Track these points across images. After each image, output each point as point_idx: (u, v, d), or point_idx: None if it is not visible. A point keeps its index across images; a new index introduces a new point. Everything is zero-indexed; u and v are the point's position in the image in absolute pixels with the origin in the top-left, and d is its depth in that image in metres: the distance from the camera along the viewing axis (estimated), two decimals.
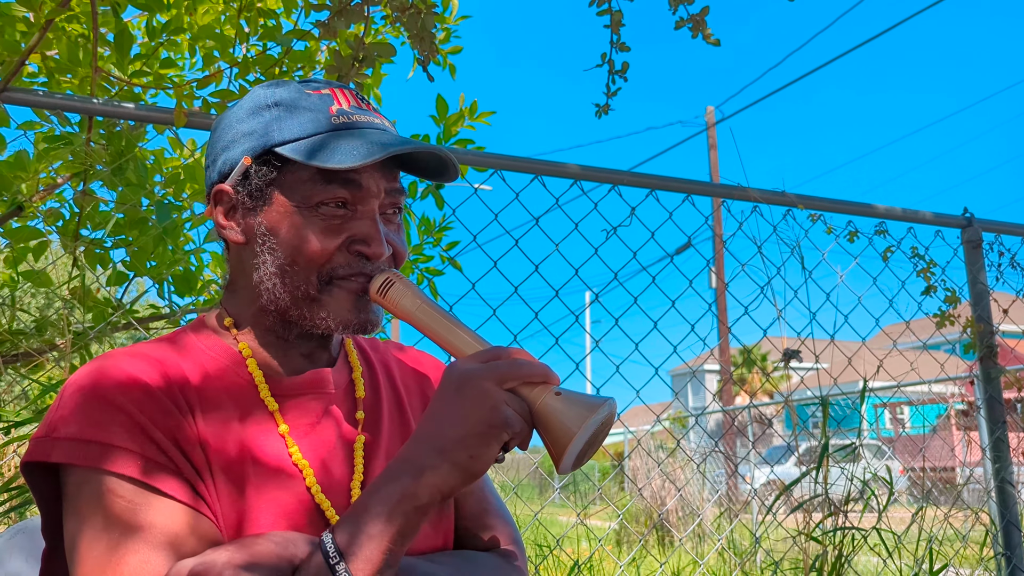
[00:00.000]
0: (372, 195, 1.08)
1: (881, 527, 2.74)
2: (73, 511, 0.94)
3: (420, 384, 1.29)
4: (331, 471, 1.09)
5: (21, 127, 2.75)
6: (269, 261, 1.08)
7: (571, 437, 0.92)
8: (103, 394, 0.97)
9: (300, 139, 1.06)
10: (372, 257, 1.07)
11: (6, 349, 2.40)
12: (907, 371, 3.15)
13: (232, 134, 1.11)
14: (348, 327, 1.08)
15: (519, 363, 0.95)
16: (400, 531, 0.91)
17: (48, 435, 0.96)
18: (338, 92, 1.12)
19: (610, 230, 2.60)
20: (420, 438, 0.94)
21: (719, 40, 2.50)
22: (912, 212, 3.25)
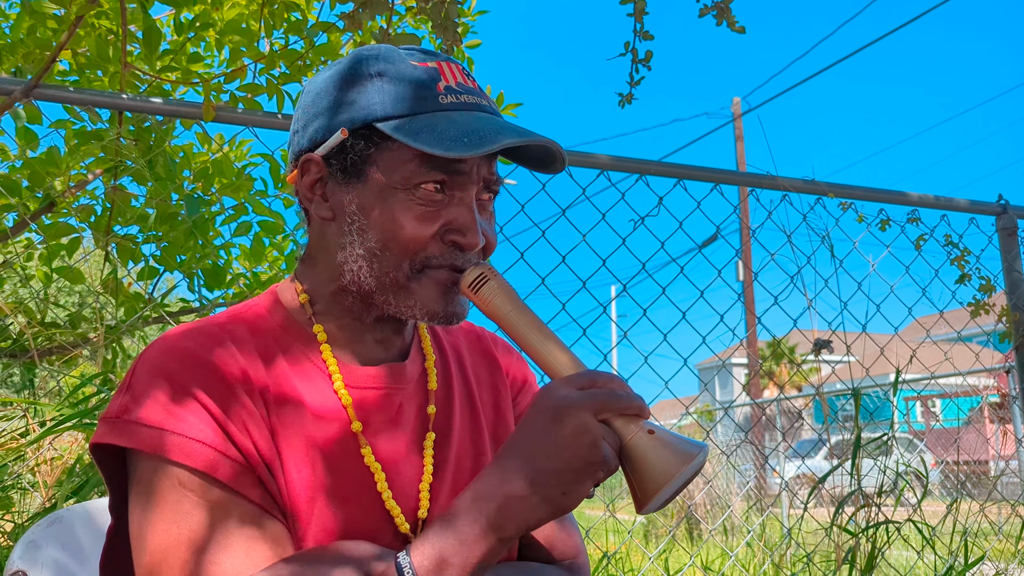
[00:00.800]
0: (472, 182, 1.02)
1: (915, 519, 2.70)
2: (141, 498, 0.92)
3: (491, 375, 1.23)
4: (401, 472, 1.04)
5: (52, 125, 2.78)
6: (357, 242, 1.02)
7: (662, 485, 0.88)
8: (178, 380, 0.93)
9: (404, 116, 0.99)
10: (466, 248, 1.01)
11: (40, 343, 2.43)
12: (940, 362, 3.10)
13: (328, 100, 1.04)
14: (435, 318, 1.03)
15: (617, 395, 0.89)
16: (482, 561, 0.87)
17: (120, 417, 0.93)
18: (444, 65, 1.04)
19: (637, 220, 2.58)
20: (511, 466, 0.88)
21: (744, 28, 2.47)
22: (946, 199, 3.20)
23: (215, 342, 0.99)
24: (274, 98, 2.68)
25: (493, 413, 1.20)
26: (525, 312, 1.01)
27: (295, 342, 1.05)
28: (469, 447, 1.13)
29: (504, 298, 1.01)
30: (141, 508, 0.92)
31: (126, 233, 2.89)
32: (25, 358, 2.39)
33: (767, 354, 15.90)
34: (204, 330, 1.00)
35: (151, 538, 0.90)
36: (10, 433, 2.22)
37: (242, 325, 1.04)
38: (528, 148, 1.07)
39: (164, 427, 0.91)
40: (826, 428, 2.79)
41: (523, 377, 1.27)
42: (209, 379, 0.94)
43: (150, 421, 0.91)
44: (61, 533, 1.28)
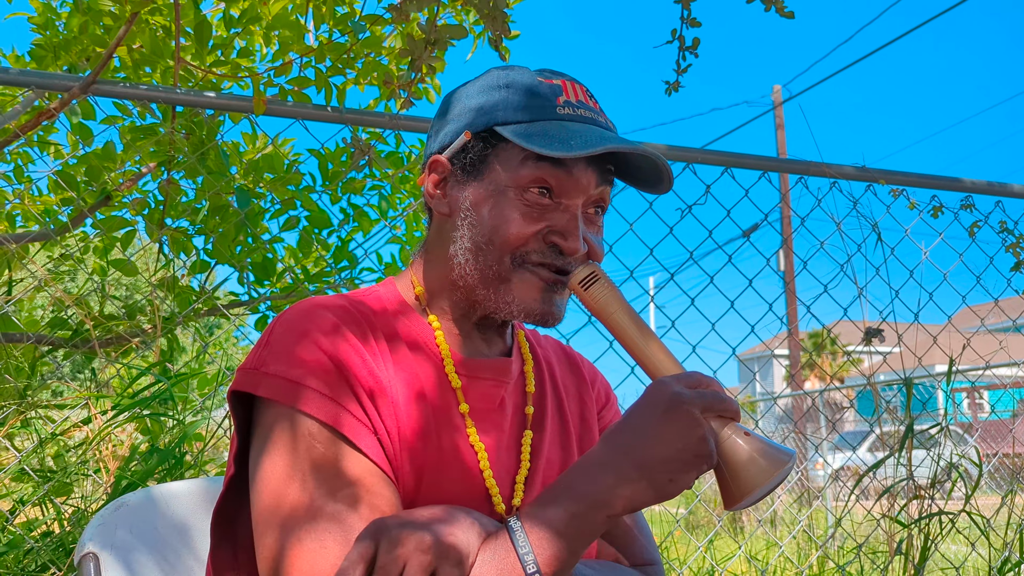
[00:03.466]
0: (579, 189, 1.07)
1: (969, 511, 2.65)
2: (269, 446, 0.96)
3: (578, 388, 1.28)
4: (501, 459, 1.09)
5: (104, 121, 2.84)
6: (467, 236, 1.09)
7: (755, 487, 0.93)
8: (313, 338, 1.00)
9: (522, 122, 1.07)
10: (567, 252, 1.06)
11: (99, 334, 2.49)
12: (995, 351, 3.04)
13: (460, 108, 1.13)
14: (530, 316, 1.08)
15: (720, 397, 0.95)
16: (588, 533, 0.91)
17: (257, 368, 0.99)
18: (569, 84, 1.12)
19: (685, 209, 2.56)
20: (620, 448, 0.93)
21: (793, 13, 2.43)
22: (1000, 185, 3.13)
23: (348, 314, 1.05)
24: (322, 91, 2.70)
25: (579, 423, 1.25)
26: (630, 313, 1.05)
27: (412, 327, 1.11)
28: (558, 451, 1.18)
29: (611, 297, 1.05)
30: (265, 453, 0.97)
31: (178, 226, 2.95)
32: (86, 348, 2.46)
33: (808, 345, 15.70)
34: (336, 303, 1.07)
35: (272, 480, 0.94)
36: (72, 422, 2.29)
37: (365, 304, 1.11)
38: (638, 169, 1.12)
39: (296, 380, 0.97)
40: (878, 419, 2.75)
41: (607, 393, 1.33)
42: (341, 343, 1.00)
43: (284, 373, 0.97)
44: (128, 517, 1.32)
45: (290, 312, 1.05)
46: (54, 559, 2.01)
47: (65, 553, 2.02)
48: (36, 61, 2.87)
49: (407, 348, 1.09)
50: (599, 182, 1.09)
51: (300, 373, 0.97)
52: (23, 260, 2.60)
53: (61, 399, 2.58)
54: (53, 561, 1.99)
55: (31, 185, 3.17)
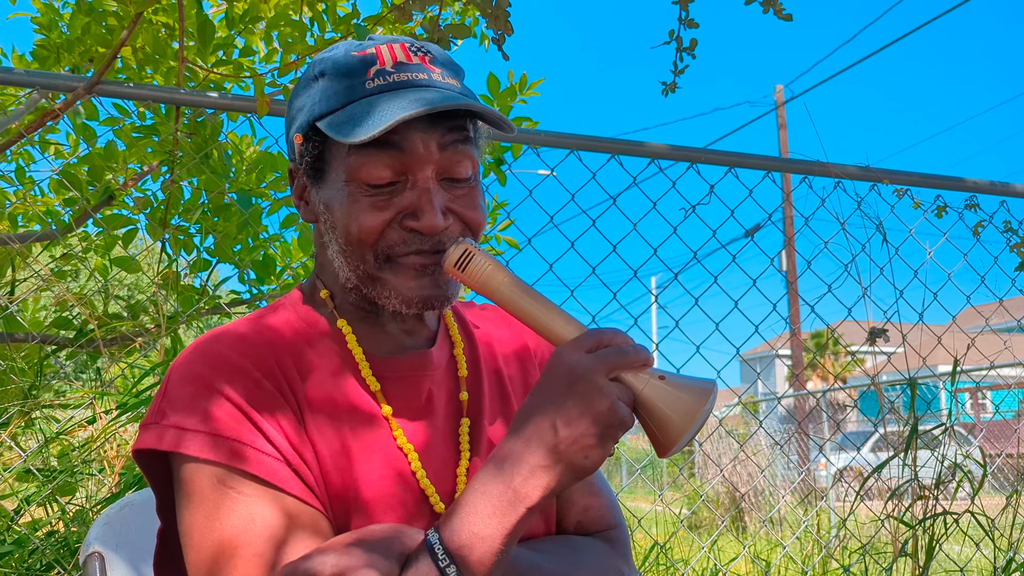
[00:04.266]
0: (420, 160, 0.99)
1: (973, 511, 2.65)
2: (185, 499, 0.94)
3: (519, 356, 1.23)
4: (436, 456, 1.05)
5: (104, 123, 2.85)
6: (333, 240, 1.04)
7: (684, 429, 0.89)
8: (209, 382, 0.95)
9: (336, 110, 1.00)
10: (425, 232, 0.99)
11: (103, 334, 2.49)
12: (1000, 351, 3.03)
13: (292, 111, 1.08)
14: (411, 305, 1.02)
15: (625, 350, 0.90)
16: (512, 532, 0.87)
17: (157, 422, 0.96)
18: (384, 49, 1.02)
19: (688, 209, 2.56)
20: (530, 435, 0.88)
21: (791, 15, 2.43)
22: (1004, 185, 3.12)
23: (242, 343, 1.01)
24: None
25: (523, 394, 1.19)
26: (516, 283, 0.99)
27: (321, 337, 1.07)
28: (502, 431, 1.14)
29: (492, 272, 0.99)
30: (185, 508, 0.94)
31: (179, 225, 2.95)
32: (90, 348, 2.46)
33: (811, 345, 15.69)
34: (232, 332, 1.03)
35: (195, 537, 0.92)
36: (77, 421, 2.29)
37: (269, 324, 1.06)
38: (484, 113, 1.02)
39: (195, 428, 0.93)
40: (882, 419, 2.75)
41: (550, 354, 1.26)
42: (238, 378, 0.96)
43: (184, 424, 0.94)
44: (133, 517, 1.32)
45: (184, 357, 1.00)
46: (59, 558, 2.01)
47: (70, 553, 2.03)
48: (39, 62, 2.87)
49: (318, 361, 1.04)
50: (443, 142, 1.00)
51: (200, 420, 0.93)
52: (27, 260, 2.61)
53: (65, 399, 2.58)
54: (58, 560, 1.99)
55: (33, 185, 3.17)
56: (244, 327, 1.05)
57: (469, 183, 1.04)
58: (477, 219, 1.04)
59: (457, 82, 1.05)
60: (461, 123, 1.02)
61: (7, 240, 2.41)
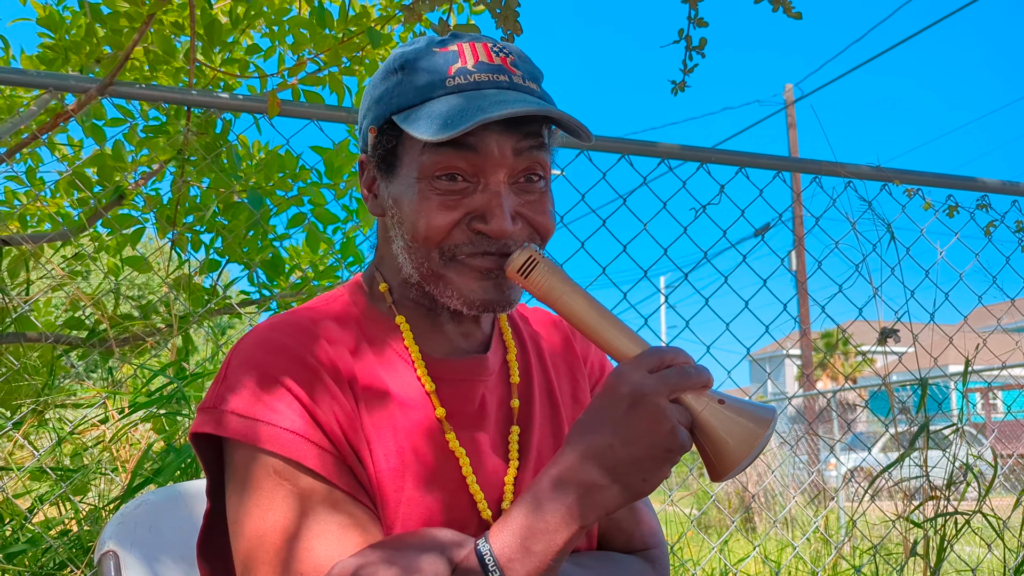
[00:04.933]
0: (494, 163, 0.98)
1: (984, 511, 2.63)
2: (238, 486, 0.95)
3: (570, 366, 1.22)
4: (486, 463, 1.05)
5: (110, 123, 2.86)
6: (399, 235, 1.03)
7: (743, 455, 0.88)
8: (270, 372, 0.95)
9: (415, 106, 0.99)
10: (493, 235, 0.98)
11: (115, 333, 2.50)
12: (1012, 351, 3.02)
13: (368, 101, 1.07)
14: (473, 307, 1.01)
15: (687, 372, 0.89)
16: (563, 549, 0.86)
17: (215, 406, 0.96)
18: (467, 47, 1.01)
19: (699, 208, 2.56)
20: (588, 453, 0.87)
21: (800, 13, 2.42)
22: (1016, 184, 3.11)
23: (303, 332, 1.01)
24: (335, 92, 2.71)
25: (572, 404, 1.19)
26: (579, 293, 0.98)
27: (379, 331, 1.06)
28: (550, 440, 1.13)
29: (556, 281, 0.98)
30: (237, 496, 0.95)
31: (187, 224, 2.96)
32: (103, 348, 2.47)
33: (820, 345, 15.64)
34: (293, 321, 1.02)
35: (247, 525, 0.93)
36: (90, 420, 2.30)
37: (328, 315, 1.06)
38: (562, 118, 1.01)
39: (256, 416, 0.93)
40: (893, 419, 2.74)
41: (600, 365, 1.26)
42: (298, 369, 0.96)
43: (243, 411, 0.94)
44: (148, 515, 1.32)
45: (245, 343, 1.00)
46: (72, 557, 2.02)
47: (83, 551, 2.04)
48: (45, 63, 2.88)
49: (375, 356, 1.04)
50: (518, 147, 0.99)
51: (259, 409, 0.94)
52: (40, 260, 2.62)
53: (77, 398, 2.60)
54: (71, 559, 2.01)
55: (43, 186, 3.19)
56: (303, 316, 1.04)
57: (540, 188, 1.03)
58: (546, 225, 1.03)
59: (536, 85, 1.04)
60: (537, 128, 1.01)
61: (21, 241, 2.43)
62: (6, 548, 2.02)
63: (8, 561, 1.99)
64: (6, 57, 3.05)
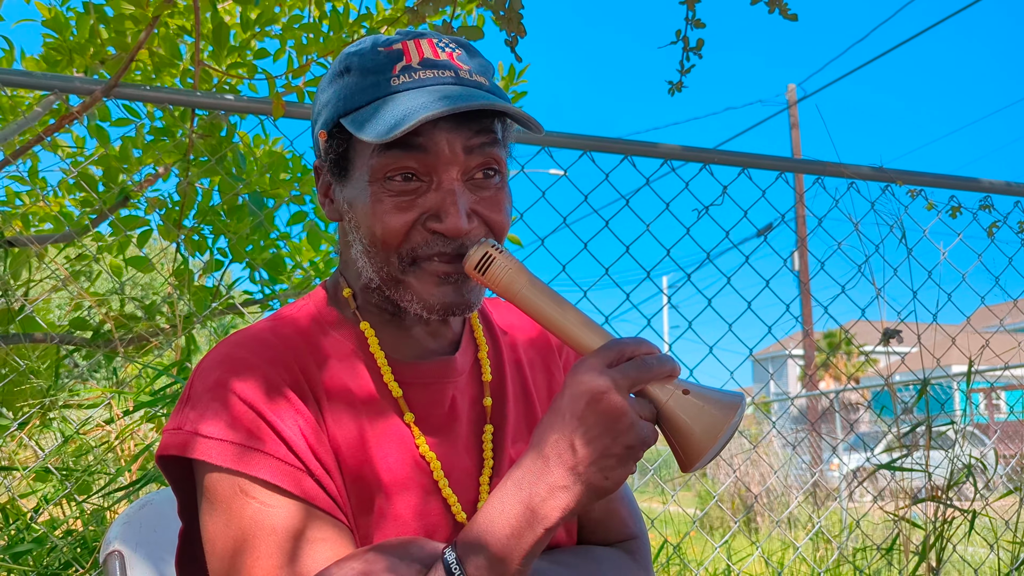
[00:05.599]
0: (445, 160, 0.96)
1: (986, 513, 2.64)
2: (206, 505, 0.94)
3: (544, 359, 1.21)
4: (458, 464, 1.04)
5: (116, 123, 2.87)
6: (357, 239, 1.02)
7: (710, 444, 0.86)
8: (231, 387, 0.94)
9: (361, 107, 0.97)
10: (448, 234, 0.96)
11: (121, 333, 2.51)
12: (1014, 351, 3.02)
13: (318, 106, 1.05)
14: (432, 311, 1.00)
15: (647, 363, 0.87)
16: (529, 552, 0.85)
17: (180, 427, 0.95)
18: (411, 44, 0.99)
19: (701, 209, 2.56)
20: (549, 454, 0.86)
21: (796, 15, 2.43)
22: (1019, 185, 3.11)
23: (266, 347, 1.00)
24: None
25: (548, 398, 1.18)
26: (539, 287, 0.96)
27: (344, 338, 1.05)
28: (525, 436, 1.12)
29: (515, 275, 0.96)
30: (208, 516, 0.94)
31: (193, 226, 2.97)
32: (108, 348, 2.48)
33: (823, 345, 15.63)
34: (256, 337, 1.02)
35: (218, 544, 0.92)
36: (96, 421, 2.31)
37: (292, 326, 1.05)
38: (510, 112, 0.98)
39: (222, 437, 0.93)
40: (895, 420, 2.74)
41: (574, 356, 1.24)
42: (263, 386, 0.95)
43: (205, 431, 0.93)
44: (153, 516, 1.33)
45: (207, 362, 0.99)
46: (77, 557, 2.03)
47: (88, 551, 2.04)
48: (50, 65, 2.89)
49: (340, 365, 1.02)
50: (469, 144, 0.97)
51: (223, 429, 0.93)
52: (44, 260, 2.63)
53: (82, 398, 2.60)
54: (76, 559, 2.01)
55: (46, 187, 3.20)
56: (266, 328, 1.03)
57: (495, 185, 1.01)
58: (501, 222, 1.02)
59: (485, 79, 1.02)
60: (488, 123, 0.99)
61: (25, 242, 2.44)
62: (12, 548, 2.03)
63: (14, 561, 2.00)
64: (9, 58, 3.06)
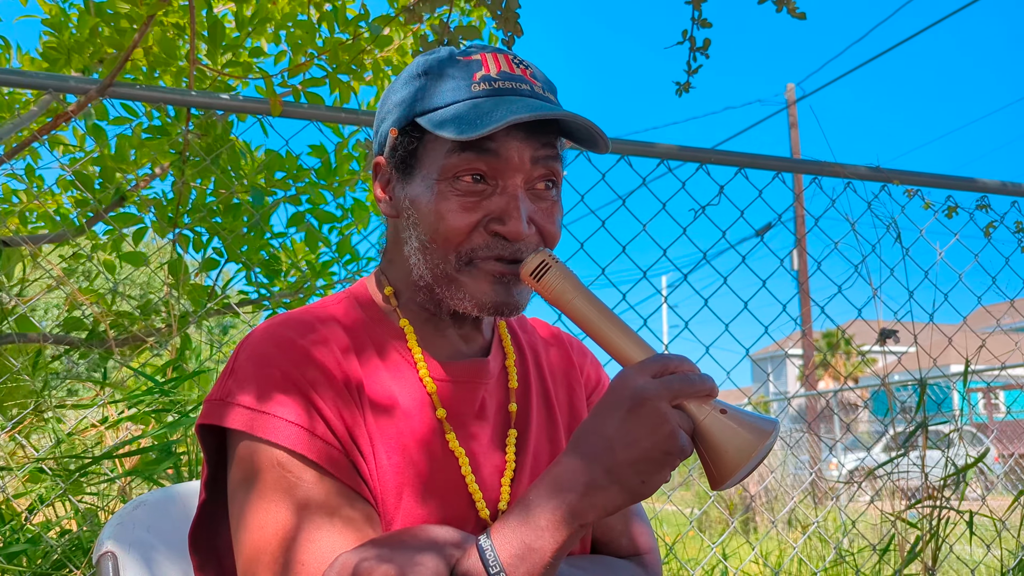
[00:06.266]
0: (513, 167, 1.02)
1: (982, 512, 2.64)
2: (241, 478, 0.96)
3: (566, 373, 1.25)
4: (484, 463, 1.07)
5: (114, 122, 2.86)
6: (414, 236, 1.06)
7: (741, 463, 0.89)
8: (279, 366, 0.98)
9: (439, 108, 1.03)
10: (510, 237, 1.01)
11: (115, 333, 2.51)
12: (1011, 351, 3.02)
13: (388, 105, 1.10)
14: (484, 310, 1.04)
15: (691, 379, 0.90)
16: (562, 547, 0.88)
17: (222, 398, 0.98)
18: (489, 57, 1.06)
19: (698, 209, 2.56)
20: (589, 454, 0.89)
21: (805, 14, 2.42)
22: (1016, 185, 3.11)
23: (312, 331, 1.03)
24: (336, 92, 2.71)
25: (568, 412, 1.22)
26: (590, 298, 1.00)
27: (383, 334, 1.09)
28: (546, 445, 1.15)
29: (567, 285, 1.00)
30: (240, 487, 0.96)
31: (188, 224, 2.97)
32: (102, 347, 2.47)
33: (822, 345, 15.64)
34: (302, 319, 1.05)
35: (249, 516, 0.94)
36: (90, 421, 2.31)
37: (333, 317, 1.08)
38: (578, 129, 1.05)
39: (262, 409, 0.95)
40: (892, 420, 2.74)
41: (597, 377, 1.29)
42: (306, 366, 0.98)
43: (248, 403, 0.96)
44: (146, 516, 1.33)
45: (253, 337, 1.03)
46: (70, 557, 2.03)
47: (82, 552, 2.04)
48: (49, 63, 2.89)
49: (378, 357, 1.06)
50: (536, 155, 1.03)
51: (265, 401, 0.96)
52: (39, 259, 2.63)
53: (78, 399, 2.60)
54: (70, 559, 2.01)
55: (43, 185, 3.19)
56: (309, 314, 1.07)
57: (552, 197, 1.07)
58: (555, 232, 1.07)
59: (553, 96, 1.08)
60: (553, 139, 1.05)
61: (20, 241, 2.43)
62: (6, 548, 2.02)
63: (8, 561, 2.00)
64: (7, 57, 3.06)
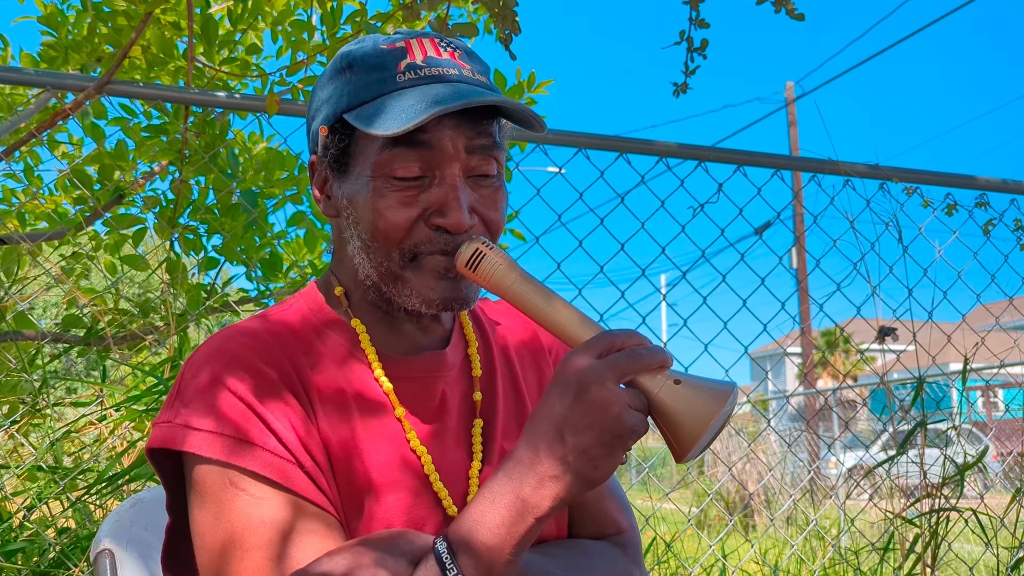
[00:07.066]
0: (448, 157, 0.98)
1: (980, 510, 2.64)
2: (198, 500, 0.94)
3: (535, 356, 1.22)
4: (449, 458, 1.05)
5: (112, 123, 2.86)
6: (355, 235, 1.02)
7: (701, 432, 0.86)
8: (221, 381, 0.95)
9: (366, 103, 0.98)
10: (451, 229, 0.97)
11: (114, 331, 2.50)
12: (1010, 349, 3.02)
13: (316, 102, 1.06)
14: (432, 306, 1.01)
15: (638, 353, 0.87)
16: (520, 542, 0.86)
17: (170, 420, 0.95)
18: (414, 43, 1.01)
19: (697, 207, 2.56)
20: (539, 444, 0.87)
21: (803, 15, 2.41)
22: (1015, 183, 3.11)
23: (258, 343, 1.00)
24: None
25: (538, 394, 1.19)
26: (529, 281, 0.97)
27: (336, 336, 1.06)
28: (515, 431, 1.13)
29: (505, 270, 0.97)
30: (198, 508, 0.94)
31: (187, 224, 2.97)
32: (101, 346, 2.47)
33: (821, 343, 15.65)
34: (247, 332, 1.02)
35: (207, 535, 0.93)
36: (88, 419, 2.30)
37: (282, 323, 1.06)
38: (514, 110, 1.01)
39: (209, 428, 0.93)
40: (890, 418, 2.74)
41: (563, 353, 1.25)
42: (254, 380, 0.96)
43: (195, 423, 0.94)
44: (143, 514, 1.33)
45: (198, 355, 1.00)
46: (68, 555, 2.03)
47: (80, 550, 2.04)
48: (47, 62, 2.88)
49: (331, 361, 1.03)
50: (471, 143, 0.99)
51: (213, 421, 0.93)
52: (37, 258, 2.62)
53: (76, 396, 2.60)
54: (67, 557, 2.01)
55: (41, 184, 3.19)
56: (257, 324, 1.04)
57: (494, 184, 1.03)
58: (498, 220, 1.03)
59: (485, 78, 1.04)
60: (489, 124, 1.01)
61: (18, 239, 2.43)
62: (4, 546, 2.02)
63: (6, 559, 2.00)
64: (5, 55, 3.05)
